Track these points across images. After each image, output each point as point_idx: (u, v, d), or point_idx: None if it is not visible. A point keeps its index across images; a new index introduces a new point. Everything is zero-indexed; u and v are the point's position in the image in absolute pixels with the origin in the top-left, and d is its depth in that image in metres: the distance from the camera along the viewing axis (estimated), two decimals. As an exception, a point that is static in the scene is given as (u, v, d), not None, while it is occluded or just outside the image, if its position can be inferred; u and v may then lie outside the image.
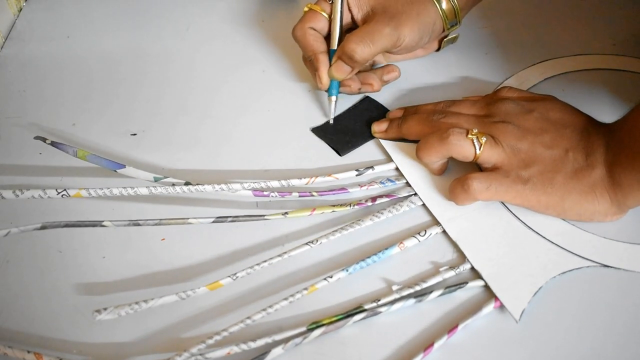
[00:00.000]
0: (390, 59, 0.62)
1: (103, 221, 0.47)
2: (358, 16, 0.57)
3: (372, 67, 0.61)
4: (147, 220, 0.48)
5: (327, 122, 0.58)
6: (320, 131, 0.57)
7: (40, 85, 0.62)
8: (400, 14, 0.55)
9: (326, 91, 0.57)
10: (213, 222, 0.48)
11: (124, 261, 0.48)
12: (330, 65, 0.56)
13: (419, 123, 0.53)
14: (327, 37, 0.57)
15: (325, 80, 0.56)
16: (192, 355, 0.42)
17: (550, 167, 0.48)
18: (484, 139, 0.48)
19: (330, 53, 0.57)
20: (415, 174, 0.53)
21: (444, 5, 0.56)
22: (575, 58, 0.62)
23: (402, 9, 0.55)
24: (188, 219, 0.48)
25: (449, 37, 0.62)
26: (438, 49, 0.63)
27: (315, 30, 0.57)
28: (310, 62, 0.58)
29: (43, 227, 0.47)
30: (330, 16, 0.57)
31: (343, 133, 0.57)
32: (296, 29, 0.57)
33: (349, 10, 0.57)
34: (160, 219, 0.48)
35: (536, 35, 0.65)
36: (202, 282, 0.46)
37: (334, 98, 0.57)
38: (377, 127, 0.56)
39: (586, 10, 0.68)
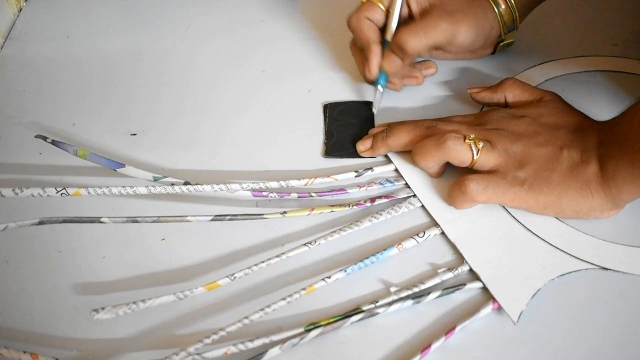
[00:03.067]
0: (436, 58, 0.62)
1: (101, 217, 0.47)
2: (416, 11, 0.57)
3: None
4: (146, 217, 0.48)
5: (329, 142, 0.56)
6: (334, 151, 0.56)
7: (40, 85, 0.62)
8: (458, 12, 0.55)
9: (372, 83, 0.58)
10: (212, 220, 0.48)
11: (123, 261, 0.48)
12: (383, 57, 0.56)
13: (408, 132, 0.53)
14: (382, 30, 0.58)
15: (375, 70, 0.56)
16: (190, 355, 0.41)
17: (545, 166, 0.48)
18: (481, 144, 0.48)
19: (383, 44, 0.57)
20: (415, 176, 0.53)
21: (503, 11, 0.56)
22: (576, 60, 0.62)
23: (460, 8, 0.55)
24: (186, 216, 0.48)
25: (505, 41, 0.62)
26: (493, 53, 0.63)
27: (370, 20, 0.57)
28: (359, 51, 0.59)
29: (41, 223, 0.47)
30: (387, 9, 0.57)
31: (353, 142, 0.56)
32: (352, 18, 0.57)
33: (408, 5, 0.57)
34: (159, 217, 0.48)
35: (537, 37, 0.65)
36: (200, 282, 0.46)
37: (380, 89, 0.57)
38: (362, 146, 0.55)
39: (587, 11, 0.68)
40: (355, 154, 0.55)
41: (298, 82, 0.62)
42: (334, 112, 0.59)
